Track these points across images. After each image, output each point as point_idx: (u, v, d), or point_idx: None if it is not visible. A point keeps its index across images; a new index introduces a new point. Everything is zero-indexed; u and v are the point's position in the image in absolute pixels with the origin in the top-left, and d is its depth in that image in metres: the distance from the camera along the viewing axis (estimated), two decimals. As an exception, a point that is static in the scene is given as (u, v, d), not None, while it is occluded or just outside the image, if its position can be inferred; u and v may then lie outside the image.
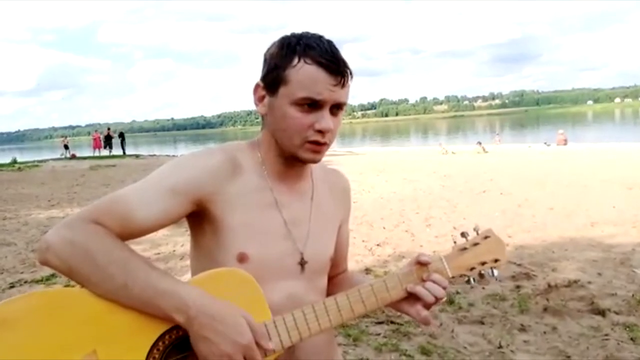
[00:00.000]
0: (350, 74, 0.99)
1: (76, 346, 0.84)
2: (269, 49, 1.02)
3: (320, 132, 0.97)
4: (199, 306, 0.85)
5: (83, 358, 0.84)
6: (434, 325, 3.37)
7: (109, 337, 0.86)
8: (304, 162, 1.03)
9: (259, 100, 1.03)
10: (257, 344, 0.87)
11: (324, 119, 0.96)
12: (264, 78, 1.02)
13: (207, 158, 1.01)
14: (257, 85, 1.03)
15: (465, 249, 1.11)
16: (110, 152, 28.95)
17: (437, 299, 1.02)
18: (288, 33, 1.03)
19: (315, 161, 1.03)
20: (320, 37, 0.99)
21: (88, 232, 0.88)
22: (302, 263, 1.04)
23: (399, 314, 3.51)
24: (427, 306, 1.03)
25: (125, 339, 0.86)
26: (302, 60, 0.95)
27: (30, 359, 0.82)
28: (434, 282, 1.03)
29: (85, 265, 0.86)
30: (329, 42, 0.99)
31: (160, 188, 0.95)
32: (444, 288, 1.03)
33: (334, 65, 0.95)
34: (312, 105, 0.96)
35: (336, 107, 0.99)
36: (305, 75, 0.95)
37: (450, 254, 1.11)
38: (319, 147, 0.99)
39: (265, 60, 1.02)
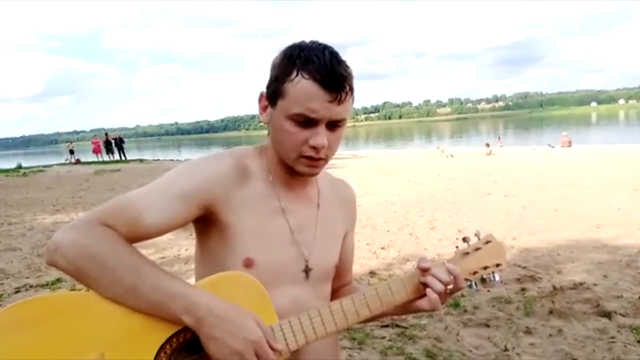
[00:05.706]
0: (350, 89, 0.95)
1: (84, 350, 0.85)
2: (275, 58, 1.00)
3: (315, 148, 0.96)
4: (208, 307, 0.86)
5: (91, 362, 0.84)
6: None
7: (116, 341, 0.86)
8: (301, 175, 1.03)
9: (263, 109, 1.03)
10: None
11: (319, 136, 0.95)
12: (267, 88, 1.01)
13: (216, 163, 1.01)
14: (261, 95, 1.03)
15: (467, 253, 1.12)
16: (112, 157, 29.15)
17: (444, 284, 1.03)
18: (297, 41, 0.99)
19: (312, 175, 1.03)
20: (323, 50, 0.95)
21: (97, 234, 0.89)
22: (307, 270, 1.05)
23: (404, 317, 3.51)
24: (439, 295, 1.03)
25: (133, 342, 0.87)
26: (300, 75, 0.93)
27: (38, 364, 0.82)
28: (435, 273, 1.04)
29: (94, 267, 0.87)
30: (332, 55, 0.95)
31: (169, 192, 0.96)
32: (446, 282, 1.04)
33: (331, 81, 0.92)
34: (306, 122, 0.95)
35: (333, 123, 0.97)
36: (301, 91, 0.93)
37: (453, 258, 1.12)
38: (314, 162, 0.99)
39: (270, 69, 1.01)
